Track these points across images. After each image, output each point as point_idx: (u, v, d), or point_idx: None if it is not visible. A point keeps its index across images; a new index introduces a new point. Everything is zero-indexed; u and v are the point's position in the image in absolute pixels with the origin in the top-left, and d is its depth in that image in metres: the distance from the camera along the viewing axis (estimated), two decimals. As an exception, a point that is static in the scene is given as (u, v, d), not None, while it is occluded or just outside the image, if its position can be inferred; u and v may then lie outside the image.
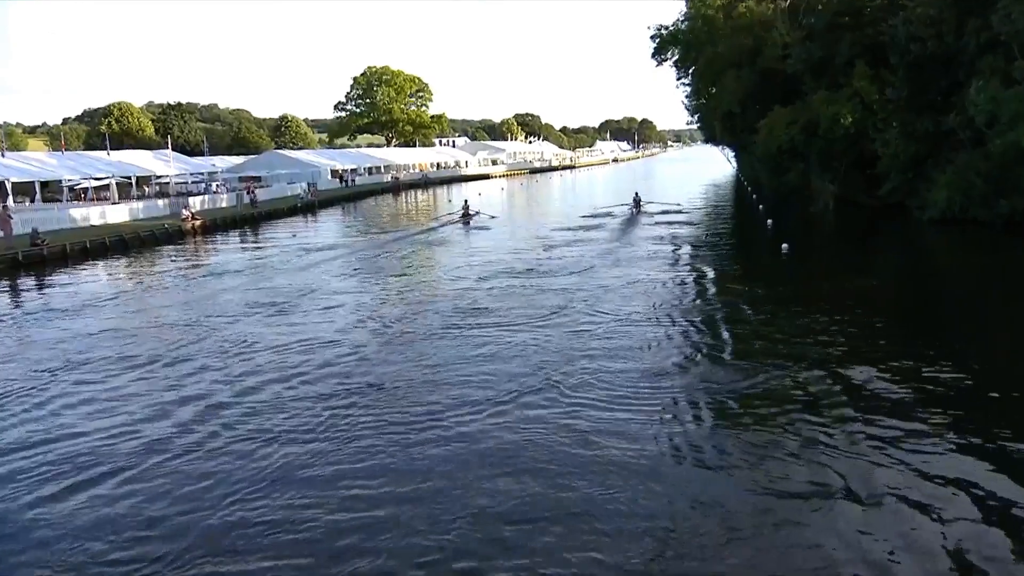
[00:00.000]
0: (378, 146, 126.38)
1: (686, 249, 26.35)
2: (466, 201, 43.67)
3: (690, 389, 11.23)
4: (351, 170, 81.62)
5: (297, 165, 75.00)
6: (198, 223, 38.80)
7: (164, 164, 62.45)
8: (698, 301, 17.61)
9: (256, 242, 35.51)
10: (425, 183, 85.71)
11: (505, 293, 19.06)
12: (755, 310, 16.25)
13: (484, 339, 14.38)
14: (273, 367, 13.09)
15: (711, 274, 21.13)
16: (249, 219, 44.46)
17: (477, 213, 40.70)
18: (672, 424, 9.89)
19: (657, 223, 34.84)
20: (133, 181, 57.10)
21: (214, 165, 74.88)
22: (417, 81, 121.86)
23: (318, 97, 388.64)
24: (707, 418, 10.11)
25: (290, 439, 9.79)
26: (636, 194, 43.54)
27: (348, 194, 66.41)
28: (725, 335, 14.38)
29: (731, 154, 72.68)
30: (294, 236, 36.85)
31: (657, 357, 12.89)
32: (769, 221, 31.11)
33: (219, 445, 9.71)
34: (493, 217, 40.86)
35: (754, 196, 45.16)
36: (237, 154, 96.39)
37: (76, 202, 48.42)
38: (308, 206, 53.64)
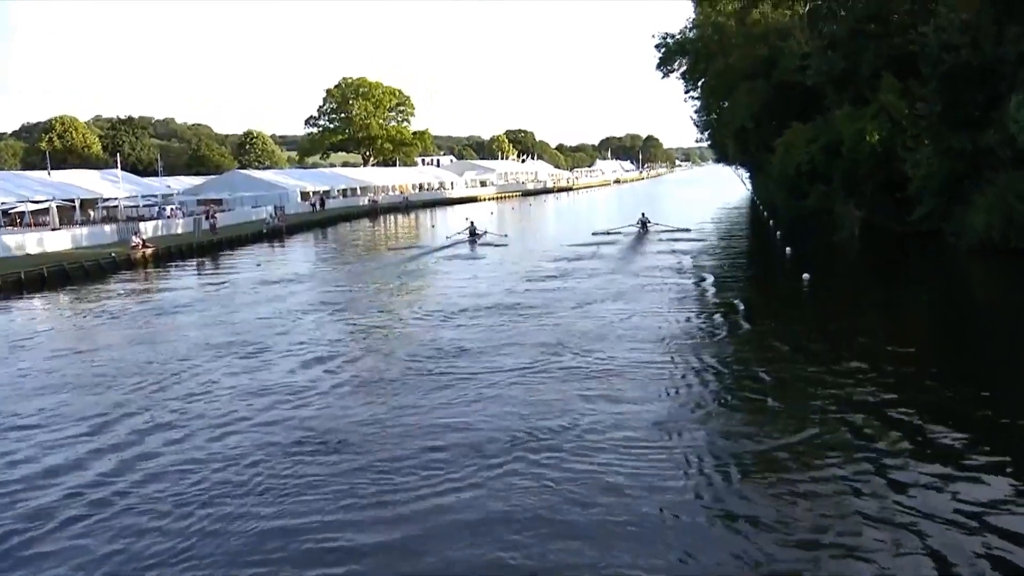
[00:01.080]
0: (354, 165, 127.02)
1: (696, 280, 26.38)
2: (472, 221, 45.67)
3: (704, 443, 11.00)
4: (323, 192, 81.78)
5: (263, 186, 75.11)
6: (149, 251, 38.55)
7: (112, 185, 62.38)
8: (710, 339, 17.46)
9: (215, 273, 35.24)
10: (406, 206, 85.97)
11: (493, 331, 18.84)
12: (774, 349, 16.10)
13: (468, 385, 14.12)
14: (226, 417, 12.80)
15: (724, 308, 21.05)
16: (208, 247, 44.21)
17: (485, 233, 43.46)
18: (683, 483, 9.64)
19: (664, 251, 34.92)
20: (76, 204, 56.92)
21: (169, 187, 74.90)
22: (397, 94, 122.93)
23: (287, 111, 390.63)
24: (722, 478, 9.84)
25: (238, 502, 9.47)
26: (643, 214, 45.79)
27: (320, 219, 66.40)
28: (741, 378, 14.23)
29: (745, 174, 73.21)
30: (258, 266, 36.67)
31: (665, 405, 12.70)
32: (788, 249, 31.10)
33: (148, 506, 9.42)
34: (504, 236, 43.55)
35: (771, 222, 45.27)
36: (195, 174, 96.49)
37: (11, 228, 48.21)
38: (275, 232, 53.52)
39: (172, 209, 61.01)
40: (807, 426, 11.35)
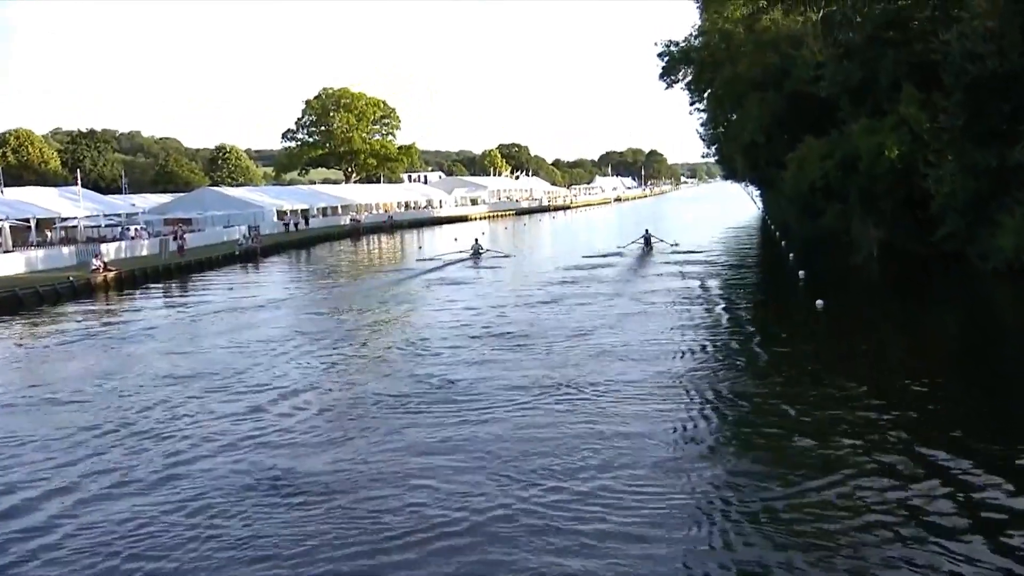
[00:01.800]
0: (335, 182, 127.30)
1: (702, 306, 26.42)
2: (476, 239, 49.56)
3: (712, 488, 10.86)
4: (302, 211, 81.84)
5: (236, 205, 75.22)
6: (111, 275, 38.37)
7: (71, 203, 62.20)
8: (716, 371, 17.37)
9: (183, 298, 35.15)
10: (391, 226, 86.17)
11: (484, 362, 18.74)
12: (786, 383, 16.02)
13: (455, 424, 13.96)
14: (186, 456, 12.65)
15: (732, 337, 21.07)
16: (176, 270, 44.13)
17: (487, 251, 47.57)
18: (692, 533, 9.49)
19: (668, 274, 35.03)
20: (32, 224, 56.60)
21: (134, 205, 74.81)
22: (382, 106, 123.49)
23: (263, 124, 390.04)
24: (733, 527, 9.67)
25: (194, 552, 9.27)
26: (647, 231, 48.91)
27: (298, 239, 66.36)
28: (750, 414, 14.14)
29: (755, 192, 73.44)
30: (230, 290, 36.58)
31: (670, 444, 12.57)
32: (801, 272, 31.15)
33: (93, 560, 9.23)
34: (507, 256, 46.66)
35: (783, 242, 45.36)
36: (163, 191, 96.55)
37: (-38, 250, 47.85)
38: (249, 254, 53.49)
39: (137, 229, 60.82)
40: (824, 469, 11.19)
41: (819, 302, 24.19)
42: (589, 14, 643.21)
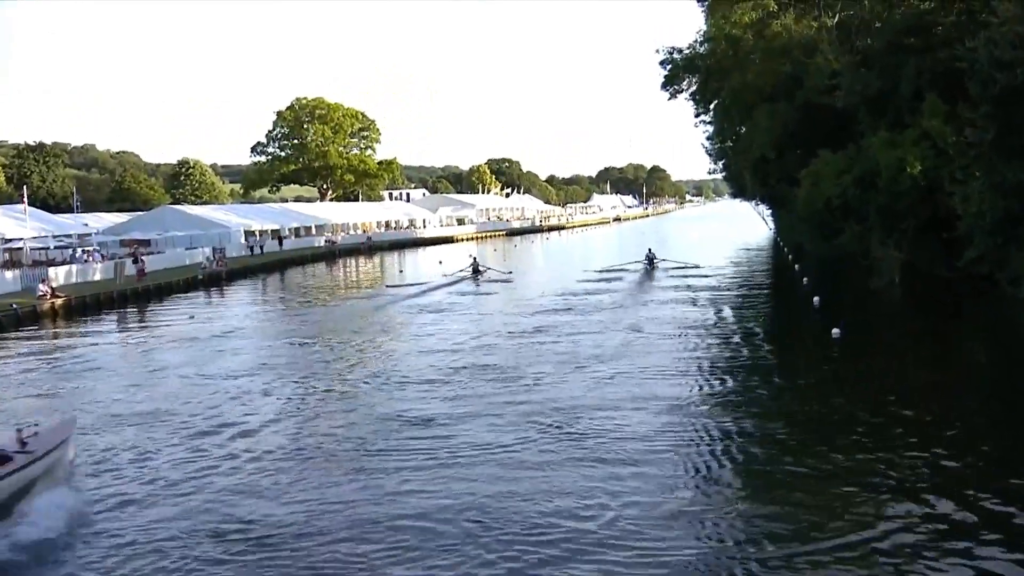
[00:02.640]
0: (309, 200, 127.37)
1: (707, 336, 26.44)
2: (474, 257, 52.62)
3: (719, 549, 10.73)
4: (272, 231, 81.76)
5: (200, 224, 75.12)
6: (60, 302, 38.12)
7: (16, 223, 61.69)
8: (724, 409, 17.26)
9: (140, 327, 35.02)
10: (369, 248, 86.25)
11: (463, 397, 18.66)
12: (798, 424, 15.95)
13: (430, 466, 13.87)
14: (142, 501, 12.47)
15: (739, 371, 21.00)
16: (132, 296, 43.91)
17: (488, 269, 50.85)
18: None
19: (672, 301, 35.09)
20: (-29, 246, 56.42)
21: (87, 225, 74.58)
22: (360, 117, 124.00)
23: (231, 137, 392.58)
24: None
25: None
26: (649, 250, 52.31)
27: (268, 262, 66.19)
28: (758, 458, 14.07)
29: (766, 211, 73.70)
30: (191, 318, 36.39)
31: (673, 492, 12.45)
32: (816, 298, 31.17)
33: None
34: (508, 273, 49.81)
35: (796, 266, 45.43)
36: (119, 210, 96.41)
37: None
38: (213, 278, 53.37)
39: (89, 252, 60.55)
40: (842, 525, 11.05)
41: (835, 331, 24.22)
42: (584, 20, 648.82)
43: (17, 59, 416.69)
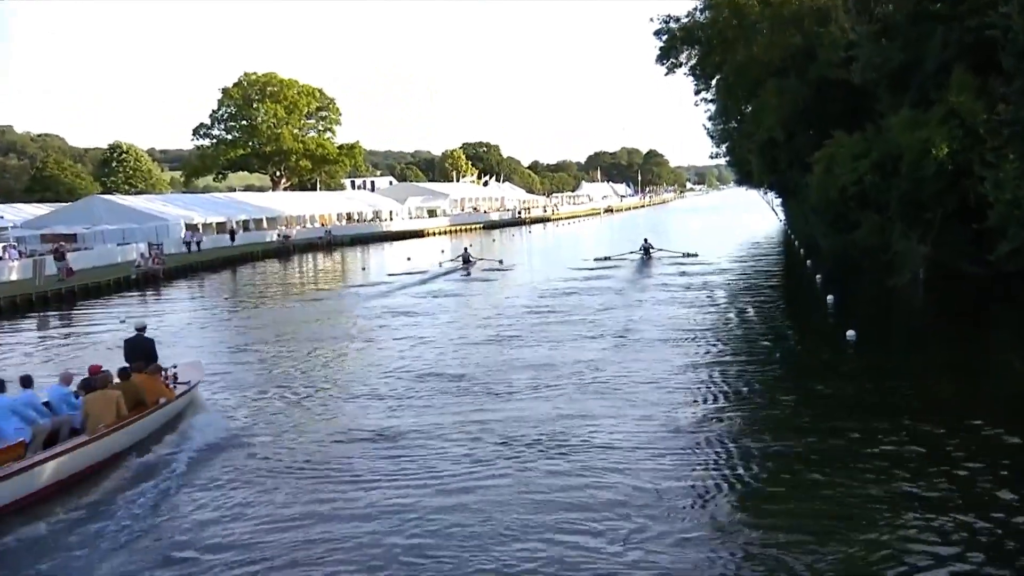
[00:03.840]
0: (260, 189, 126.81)
1: (711, 337, 26.67)
2: (466, 248, 57.91)
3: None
4: (216, 224, 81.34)
5: (134, 217, 74.80)
6: (-30, 305, 37.67)
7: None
8: (725, 420, 17.33)
9: (62, 332, 34.67)
10: (329, 243, 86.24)
11: (440, 408, 18.57)
12: (807, 442, 15.83)
13: (396, 493, 13.83)
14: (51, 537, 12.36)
15: (742, 378, 21.08)
16: (55, 298, 43.60)
17: (481, 259, 56.19)
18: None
19: (672, 301, 35.35)
20: None
21: (2, 217, 74.03)
22: (318, 95, 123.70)
23: (170, 119, 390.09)
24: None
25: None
26: (645, 240, 58.58)
27: (212, 259, 65.77)
28: (771, 479, 14.01)
29: (776, 200, 73.91)
30: (122, 323, 35.89)
31: (676, 516, 12.44)
32: (829, 297, 31.28)
33: None
34: (501, 262, 55.50)
35: (808, 261, 45.52)
36: (41, 200, 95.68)
37: None
38: (149, 277, 53.11)
39: (4, 247, 60.00)
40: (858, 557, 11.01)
41: (850, 333, 24.40)
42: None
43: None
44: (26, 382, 15.92)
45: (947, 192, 33.95)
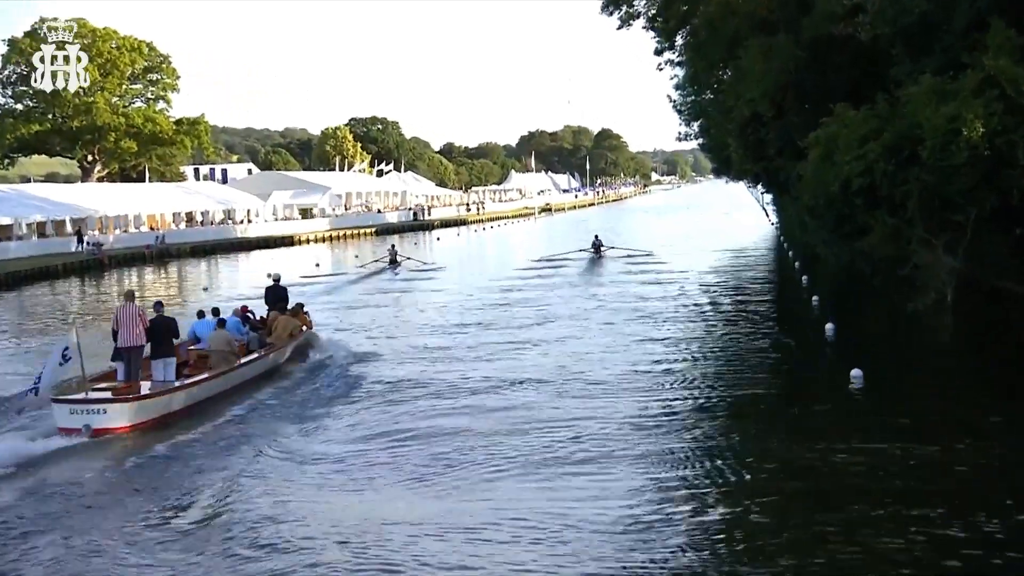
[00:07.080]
0: (67, 179, 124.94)
1: (672, 382, 26.88)
2: (393, 245, 70.20)
3: None
4: None
5: None
6: None
7: None
8: (695, 487, 17.69)
9: None
10: (159, 253, 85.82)
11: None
12: (799, 512, 16.27)
13: None
14: None
15: (712, 436, 21.30)
16: None
17: (407, 259, 68.69)
18: None
19: (633, 334, 35.60)
20: None
21: None
22: (146, 51, 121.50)
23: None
24: None
25: None
26: (596, 237, 69.17)
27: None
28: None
29: (766, 196, 74.50)
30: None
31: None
32: (829, 325, 31.53)
33: None
34: (430, 263, 66.90)
35: (803, 277, 46.02)
36: None
37: None
38: None
39: None
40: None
41: (855, 373, 24.73)
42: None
43: None
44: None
45: (982, 187, 34.36)
